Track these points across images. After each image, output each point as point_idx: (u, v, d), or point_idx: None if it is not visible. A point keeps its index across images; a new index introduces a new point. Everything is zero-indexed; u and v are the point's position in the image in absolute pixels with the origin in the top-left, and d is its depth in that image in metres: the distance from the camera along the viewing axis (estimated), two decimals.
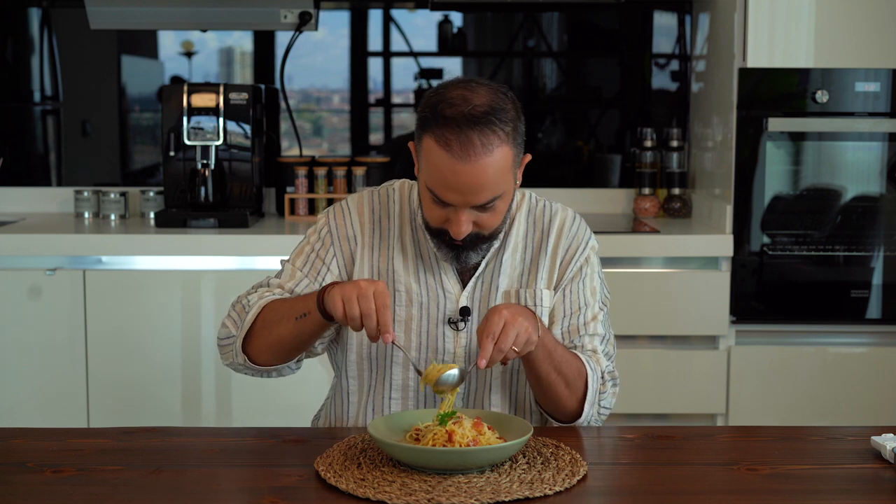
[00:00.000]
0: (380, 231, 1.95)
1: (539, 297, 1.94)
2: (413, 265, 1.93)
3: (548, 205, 2.01)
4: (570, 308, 1.96)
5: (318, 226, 1.99)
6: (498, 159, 1.75)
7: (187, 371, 3.18)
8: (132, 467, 1.64)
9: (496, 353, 1.72)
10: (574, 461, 1.65)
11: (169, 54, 3.96)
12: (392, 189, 2.00)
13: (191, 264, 3.20)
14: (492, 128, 1.74)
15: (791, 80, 3.18)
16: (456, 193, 1.76)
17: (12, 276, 3.16)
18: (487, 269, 1.94)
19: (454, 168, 1.73)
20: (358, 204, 1.98)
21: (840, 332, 3.28)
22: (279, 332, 1.85)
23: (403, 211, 1.96)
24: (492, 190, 1.76)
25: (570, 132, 4.01)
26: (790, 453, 1.74)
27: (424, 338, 1.92)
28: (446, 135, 1.73)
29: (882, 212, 3.23)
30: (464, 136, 1.72)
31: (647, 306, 3.19)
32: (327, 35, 3.95)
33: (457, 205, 1.77)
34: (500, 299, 1.93)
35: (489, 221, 1.82)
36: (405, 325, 1.91)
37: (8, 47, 3.90)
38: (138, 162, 4.00)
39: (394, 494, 1.50)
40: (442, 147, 1.74)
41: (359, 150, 4.00)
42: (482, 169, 1.73)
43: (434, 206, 1.81)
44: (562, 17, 3.92)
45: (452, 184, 1.75)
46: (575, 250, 1.97)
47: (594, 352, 1.95)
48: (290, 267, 1.97)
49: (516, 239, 1.96)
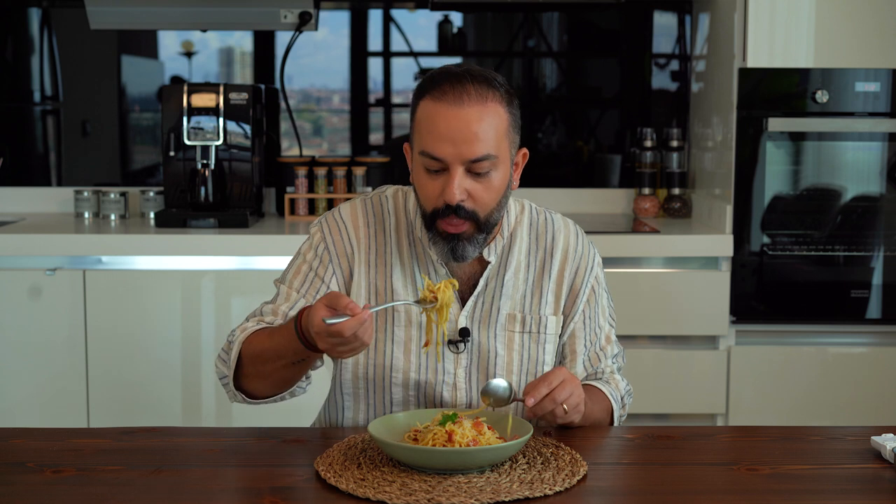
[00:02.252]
0: (376, 246, 1.90)
1: (543, 325, 1.92)
2: (412, 284, 1.89)
3: (549, 218, 1.97)
4: (589, 338, 1.96)
5: (313, 241, 1.92)
6: (492, 113, 1.75)
7: (187, 371, 3.18)
8: (132, 467, 1.64)
9: (548, 402, 1.72)
10: (574, 461, 1.65)
11: (169, 54, 3.96)
12: (385, 197, 1.94)
13: (191, 264, 3.20)
14: (489, 84, 1.76)
15: (791, 80, 3.18)
16: (448, 143, 1.73)
17: (12, 276, 3.16)
18: (488, 288, 1.90)
19: (447, 114, 1.73)
20: (352, 216, 1.92)
21: (840, 332, 3.28)
22: (268, 370, 1.79)
23: (400, 223, 1.91)
24: (485, 143, 1.74)
25: (570, 132, 4.01)
26: (790, 453, 1.74)
27: (424, 359, 1.88)
28: (443, 86, 1.75)
29: (882, 212, 3.23)
30: (459, 85, 1.74)
31: (647, 306, 3.19)
32: (327, 35, 3.95)
33: (449, 160, 1.74)
34: (504, 323, 1.90)
35: (483, 195, 1.77)
36: (404, 345, 1.88)
37: (8, 47, 3.90)
38: (138, 162, 4.00)
39: (394, 494, 1.50)
40: (437, 99, 1.74)
41: (359, 150, 4.00)
42: (476, 116, 1.73)
43: (428, 178, 1.78)
44: (562, 17, 3.92)
45: (445, 132, 1.73)
46: (584, 273, 1.95)
47: (612, 374, 1.99)
48: (286, 289, 1.90)
49: (518, 257, 1.92)
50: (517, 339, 1.91)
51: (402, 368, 1.88)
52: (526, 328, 1.91)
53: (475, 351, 1.89)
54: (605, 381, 1.97)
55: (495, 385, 1.77)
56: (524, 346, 1.91)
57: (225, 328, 3.16)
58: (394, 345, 1.88)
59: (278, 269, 1.97)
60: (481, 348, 1.89)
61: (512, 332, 1.91)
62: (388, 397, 1.90)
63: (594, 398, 1.90)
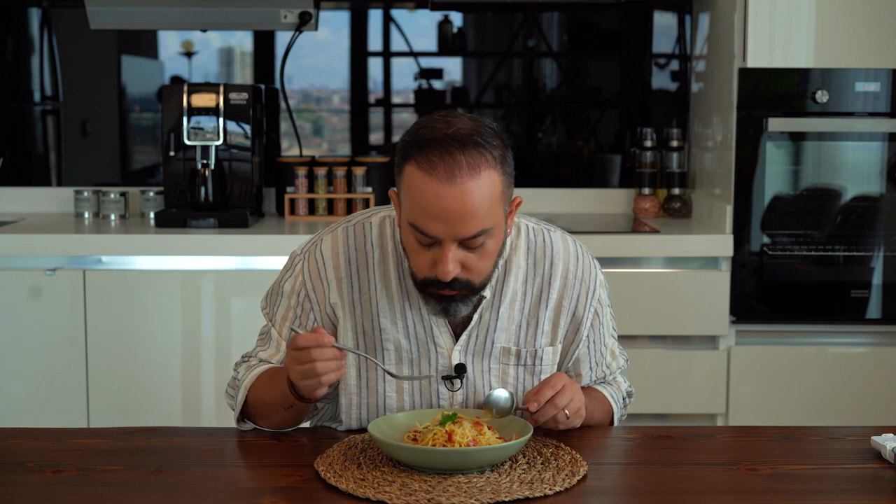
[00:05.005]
0: (359, 284, 1.81)
1: (539, 357, 1.86)
2: (402, 318, 1.81)
3: (547, 239, 1.87)
4: (595, 359, 1.93)
5: (294, 284, 1.84)
6: (486, 184, 1.62)
7: (187, 371, 3.18)
8: (132, 467, 1.64)
9: (550, 407, 1.71)
10: (574, 461, 1.65)
11: (169, 54, 3.96)
12: (370, 225, 1.84)
13: (191, 264, 3.20)
14: (479, 149, 1.62)
15: (791, 80, 3.18)
16: (441, 223, 1.62)
17: (12, 276, 3.16)
18: (482, 322, 1.83)
19: (438, 192, 1.60)
20: (333, 254, 1.83)
21: (840, 332, 3.28)
22: (277, 420, 1.80)
23: (386, 255, 1.82)
24: (479, 220, 1.63)
25: (570, 132, 4.01)
26: (790, 453, 1.74)
27: (418, 397, 1.84)
28: (430, 157, 1.61)
29: (882, 212, 3.23)
30: (449, 156, 1.61)
31: (647, 306, 3.19)
32: (327, 35, 3.95)
33: (442, 238, 1.64)
34: (499, 356, 1.85)
35: (478, 265, 1.69)
36: (396, 384, 1.84)
37: (8, 47, 3.90)
38: (138, 162, 4.00)
39: (394, 494, 1.50)
40: (425, 171, 1.61)
41: (359, 150, 4.00)
42: (469, 193, 1.61)
43: (419, 249, 1.68)
44: (562, 17, 3.92)
45: (436, 211, 1.61)
46: (585, 299, 1.87)
47: (615, 378, 1.99)
48: (277, 337, 1.86)
49: (515, 286, 1.84)
50: (511, 372, 1.86)
51: (396, 407, 1.84)
52: (521, 361, 1.86)
53: (470, 386, 1.84)
54: (607, 383, 1.98)
55: (496, 396, 1.77)
56: (519, 378, 1.86)
57: (225, 328, 3.17)
58: (385, 384, 1.84)
59: (278, 270, 1.95)
60: (475, 382, 1.85)
61: (506, 366, 1.86)
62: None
63: (594, 400, 1.90)
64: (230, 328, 3.17)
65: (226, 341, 3.17)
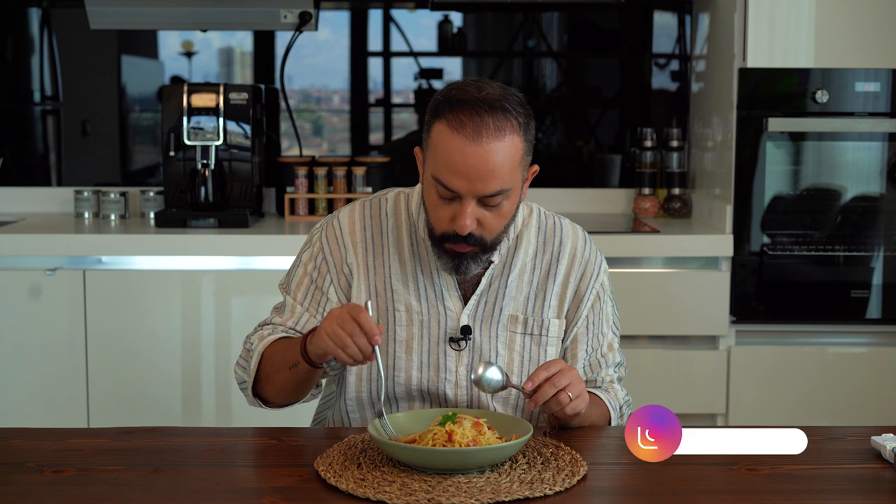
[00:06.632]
0: (373, 248, 1.91)
1: (546, 327, 1.92)
2: (413, 281, 1.90)
3: (557, 222, 1.98)
4: (591, 344, 1.96)
5: (312, 250, 1.94)
6: (508, 147, 1.74)
7: (187, 371, 3.18)
8: (132, 467, 1.64)
9: (548, 386, 1.73)
10: (574, 461, 1.65)
11: (169, 54, 3.96)
12: (385, 199, 1.95)
13: (191, 264, 3.20)
14: (506, 114, 1.74)
15: (791, 80, 3.18)
16: (464, 179, 1.73)
17: (12, 276, 3.16)
18: (492, 288, 1.91)
19: (465, 150, 1.71)
20: (350, 221, 1.93)
21: (840, 332, 3.28)
22: (280, 380, 1.85)
23: (400, 223, 1.92)
24: (500, 180, 1.74)
25: (570, 132, 4.01)
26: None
27: (426, 357, 1.89)
28: (460, 116, 1.72)
29: (882, 212, 3.23)
30: (478, 117, 1.72)
31: (647, 306, 3.19)
32: (327, 35, 3.96)
33: (463, 193, 1.74)
34: (506, 324, 1.91)
35: (492, 223, 1.79)
36: (406, 344, 1.89)
37: (8, 47, 3.90)
38: (138, 162, 4.00)
39: (394, 494, 1.50)
40: (454, 129, 1.72)
41: (359, 150, 4.00)
42: (493, 153, 1.72)
43: (439, 202, 1.78)
44: (562, 17, 3.92)
45: (461, 167, 1.72)
46: (589, 278, 1.95)
47: (611, 383, 1.99)
48: (291, 302, 1.93)
49: (524, 259, 1.93)
50: (518, 341, 1.91)
51: (405, 367, 1.88)
52: (528, 330, 1.91)
53: (476, 350, 1.89)
54: (604, 390, 1.97)
55: (488, 376, 1.76)
56: (525, 347, 1.91)
57: (225, 328, 3.16)
58: (396, 344, 1.89)
59: (278, 269, 1.98)
60: (482, 348, 1.89)
61: (514, 333, 1.91)
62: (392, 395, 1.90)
63: (592, 403, 1.90)
64: (230, 328, 3.17)
65: (226, 341, 3.17)
